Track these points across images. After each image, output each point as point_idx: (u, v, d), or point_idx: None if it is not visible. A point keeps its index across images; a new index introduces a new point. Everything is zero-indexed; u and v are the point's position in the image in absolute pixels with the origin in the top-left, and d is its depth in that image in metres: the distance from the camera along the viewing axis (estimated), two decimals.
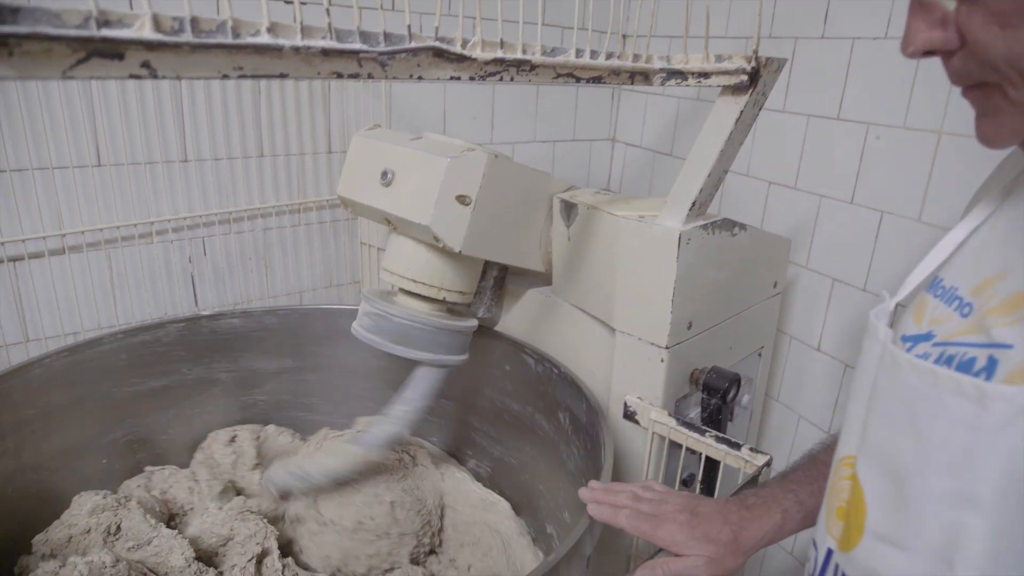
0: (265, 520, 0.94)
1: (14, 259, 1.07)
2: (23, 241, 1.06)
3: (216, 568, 0.89)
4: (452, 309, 1.00)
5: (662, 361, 0.91)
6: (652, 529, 0.69)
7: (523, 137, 1.54)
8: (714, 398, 0.95)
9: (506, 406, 1.08)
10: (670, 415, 0.92)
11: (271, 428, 1.16)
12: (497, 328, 1.13)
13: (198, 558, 0.87)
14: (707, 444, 0.88)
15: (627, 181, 1.70)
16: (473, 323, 0.99)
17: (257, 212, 1.25)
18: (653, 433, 0.94)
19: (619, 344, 0.95)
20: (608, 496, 0.73)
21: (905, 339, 0.53)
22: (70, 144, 1.06)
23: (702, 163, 0.85)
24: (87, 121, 1.06)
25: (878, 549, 0.50)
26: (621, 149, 1.71)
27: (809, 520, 0.70)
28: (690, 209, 0.87)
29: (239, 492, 1.05)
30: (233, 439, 1.10)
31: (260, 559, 0.89)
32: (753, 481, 0.82)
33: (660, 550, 0.69)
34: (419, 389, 0.94)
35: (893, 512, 0.49)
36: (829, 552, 0.55)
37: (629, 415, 0.96)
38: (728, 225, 0.93)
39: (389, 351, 0.93)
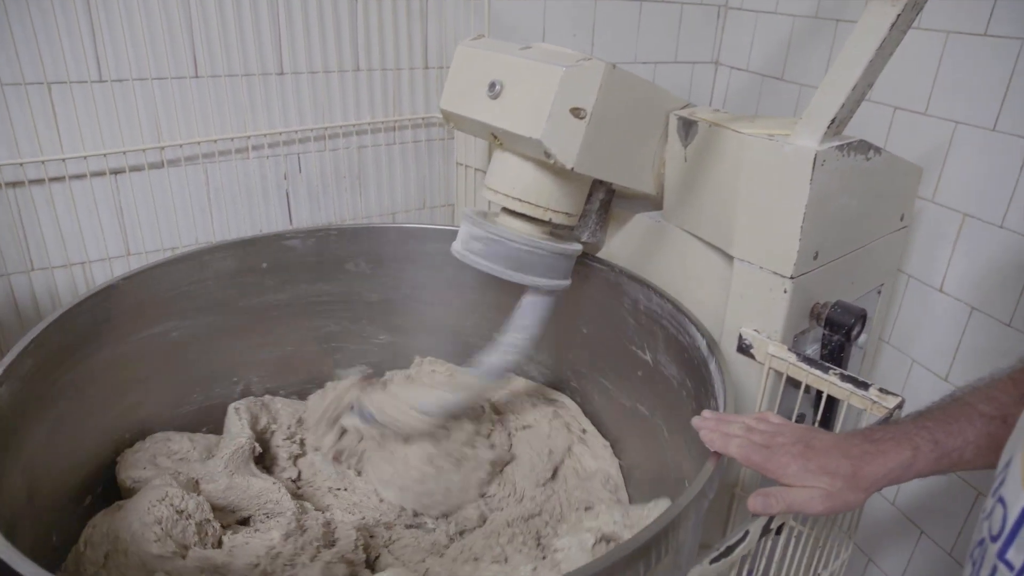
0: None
1: (115, 172, 1.06)
2: (123, 153, 1.05)
3: None
4: (555, 232, 0.95)
5: (785, 292, 0.85)
6: (763, 460, 0.65)
7: (624, 58, 1.46)
8: (837, 334, 0.89)
9: (608, 337, 1.04)
10: (789, 350, 0.86)
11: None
12: (600, 254, 1.08)
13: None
14: (830, 382, 0.82)
15: (731, 107, 1.60)
16: (578, 247, 0.95)
17: (352, 129, 1.22)
18: (769, 369, 0.88)
19: (737, 273, 0.89)
20: (720, 425, 0.70)
21: None
22: (168, 54, 1.04)
23: (846, 75, 0.77)
24: (185, 31, 1.04)
25: None
26: (725, 73, 1.61)
27: (944, 462, 0.64)
28: (828, 127, 0.79)
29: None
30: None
31: None
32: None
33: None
34: (531, 316, 0.91)
35: None
36: None
37: (744, 349, 0.90)
38: (863, 147, 0.86)
39: (496, 274, 0.89)
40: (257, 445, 0.98)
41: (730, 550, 0.58)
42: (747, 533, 0.59)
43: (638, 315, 0.97)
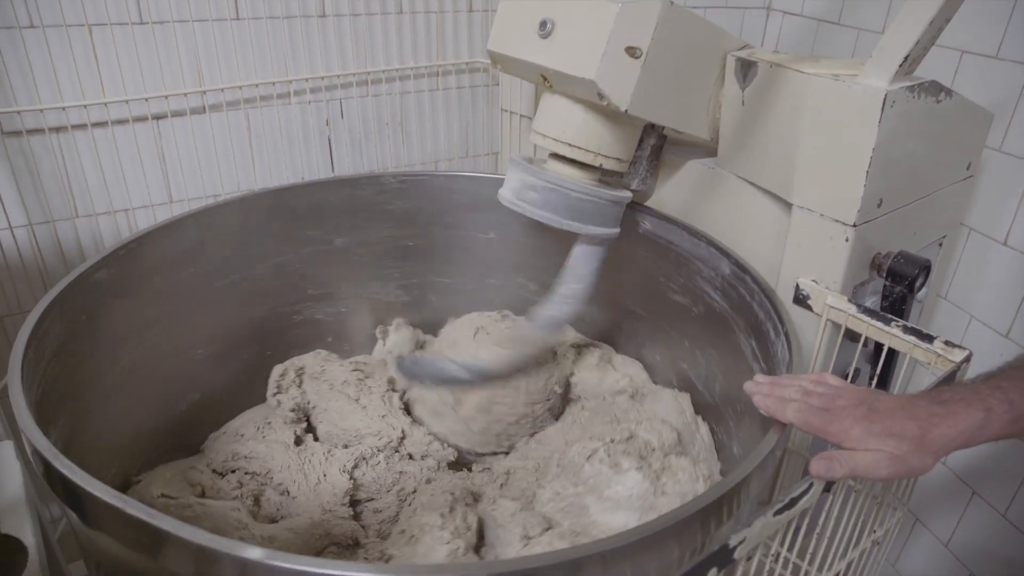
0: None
1: (157, 117, 1.05)
2: (165, 98, 1.04)
3: None
4: (603, 179, 0.92)
5: (846, 241, 0.81)
6: (823, 424, 0.61)
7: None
8: (899, 286, 0.85)
9: (657, 290, 1.01)
10: (849, 301, 0.83)
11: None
12: (649, 203, 1.04)
13: None
14: (892, 334, 0.79)
15: None
16: (628, 195, 0.92)
17: (395, 74, 1.19)
18: (827, 320, 0.85)
19: (796, 221, 0.86)
20: (775, 389, 0.66)
21: None
22: None
23: (923, 8, 0.73)
24: None
25: None
26: (777, 18, 1.54)
27: (1021, 424, 0.61)
28: (900, 66, 0.75)
29: None
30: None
31: None
32: (948, 380, 0.73)
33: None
34: (585, 265, 0.89)
35: None
36: None
37: (800, 300, 0.87)
38: (935, 89, 0.81)
39: (551, 223, 0.87)
40: None
41: (794, 502, 0.56)
42: (811, 485, 0.57)
43: (690, 266, 0.95)
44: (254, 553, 0.44)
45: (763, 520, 0.53)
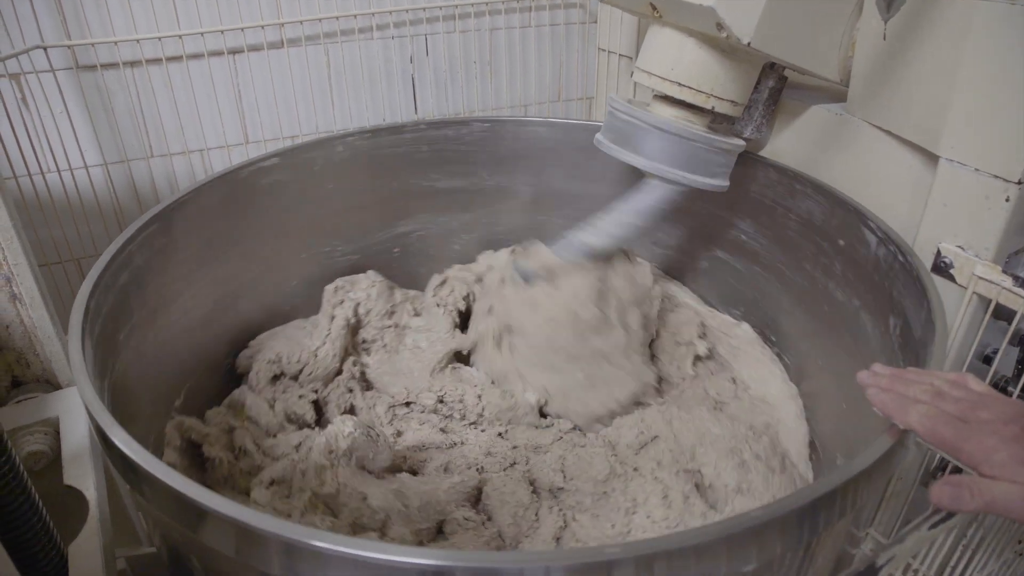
0: None
1: (233, 52, 1.00)
2: (241, 31, 0.98)
3: None
4: (713, 126, 0.82)
5: (1007, 201, 0.69)
6: (957, 438, 0.48)
7: None
8: None
9: (771, 251, 0.91)
10: (1003, 271, 0.71)
11: None
12: (763, 153, 0.93)
13: None
14: None
15: None
16: (741, 143, 0.82)
17: (484, 8, 1.10)
18: (973, 294, 0.73)
19: (942, 175, 0.74)
20: (897, 384, 0.53)
21: None
22: None
23: None
24: None
25: None
26: None
27: None
28: None
29: None
30: None
31: None
32: None
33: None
34: (650, 203, 0.81)
35: None
36: None
37: (941, 268, 0.76)
38: None
39: (646, 169, 0.79)
40: None
41: (950, 515, 0.46)
42: None
43: (810, 224, 0.84)
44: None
45: (917, 535, 0.44)
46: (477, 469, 0.80)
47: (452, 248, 1.06)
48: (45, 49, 0.88)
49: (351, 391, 0.89)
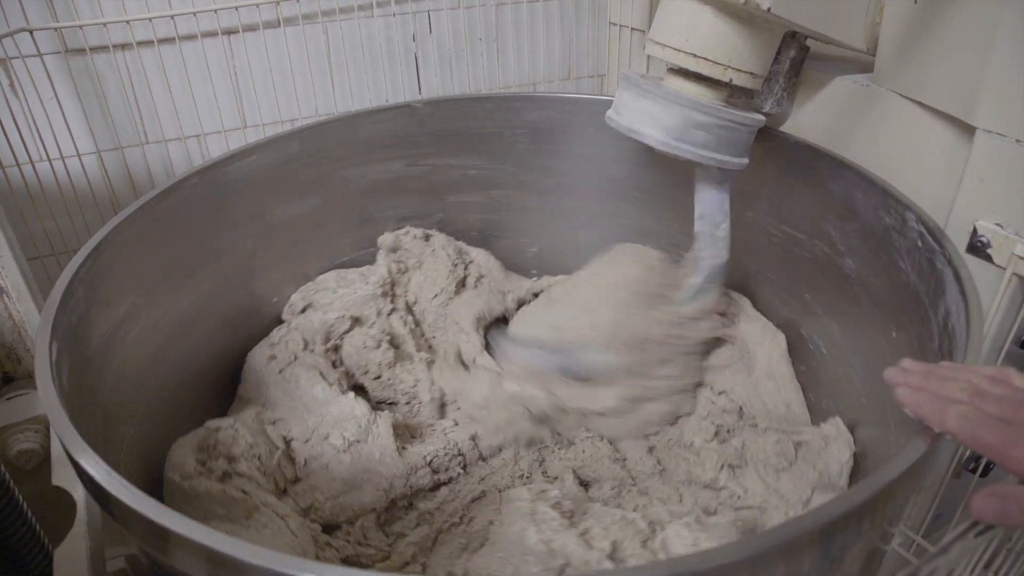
0: None
1: (228, 31, 0.96)
2: (236, 9, 0.94)
3: None
4: (730, 100, 0.77)
5: None
6: (1002, 442, 0.43)
7: None
8: None
9: (793, 234, 0.86)
10: None
11: None
12: (784, 128, 0.89)
13: None
14: None
15: None
16: (761, 118, 0.77)
17: None
18: (1013, 275, 0.69)
19: (980, 149, 0.69)
20: (931, 382, 0.48)
21: None
22: None
23: None
24: None
25: None
26: None
27: None
28: None
29: None
30: None
31: None
32: None
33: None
34: (718, 204, 0.77)
35: None
36: None
37: (977, 248, 0.71)
38: None
39: (661, 147, 0.74)
40: None
41: None
42: None
43: (833, 204, 0.79)
44: None
45: (962, 544, 0.39)
46: None
47: None
48: (31, 32, 0.85)
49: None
